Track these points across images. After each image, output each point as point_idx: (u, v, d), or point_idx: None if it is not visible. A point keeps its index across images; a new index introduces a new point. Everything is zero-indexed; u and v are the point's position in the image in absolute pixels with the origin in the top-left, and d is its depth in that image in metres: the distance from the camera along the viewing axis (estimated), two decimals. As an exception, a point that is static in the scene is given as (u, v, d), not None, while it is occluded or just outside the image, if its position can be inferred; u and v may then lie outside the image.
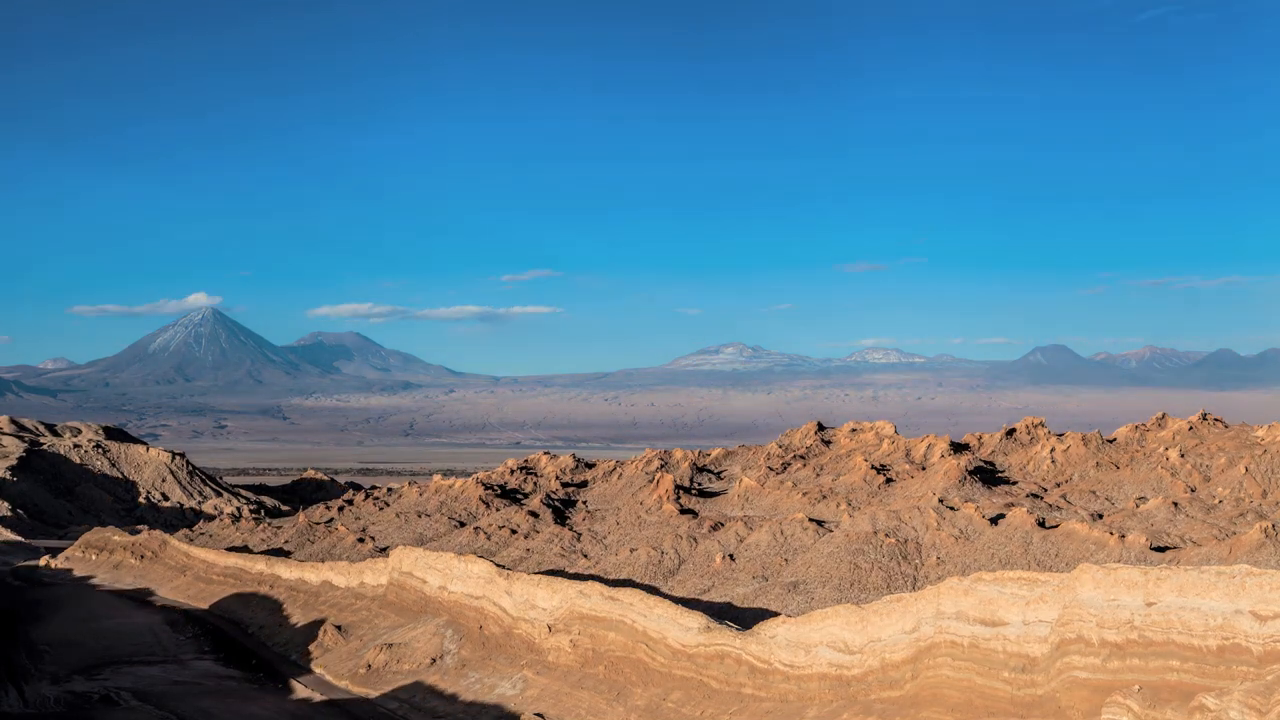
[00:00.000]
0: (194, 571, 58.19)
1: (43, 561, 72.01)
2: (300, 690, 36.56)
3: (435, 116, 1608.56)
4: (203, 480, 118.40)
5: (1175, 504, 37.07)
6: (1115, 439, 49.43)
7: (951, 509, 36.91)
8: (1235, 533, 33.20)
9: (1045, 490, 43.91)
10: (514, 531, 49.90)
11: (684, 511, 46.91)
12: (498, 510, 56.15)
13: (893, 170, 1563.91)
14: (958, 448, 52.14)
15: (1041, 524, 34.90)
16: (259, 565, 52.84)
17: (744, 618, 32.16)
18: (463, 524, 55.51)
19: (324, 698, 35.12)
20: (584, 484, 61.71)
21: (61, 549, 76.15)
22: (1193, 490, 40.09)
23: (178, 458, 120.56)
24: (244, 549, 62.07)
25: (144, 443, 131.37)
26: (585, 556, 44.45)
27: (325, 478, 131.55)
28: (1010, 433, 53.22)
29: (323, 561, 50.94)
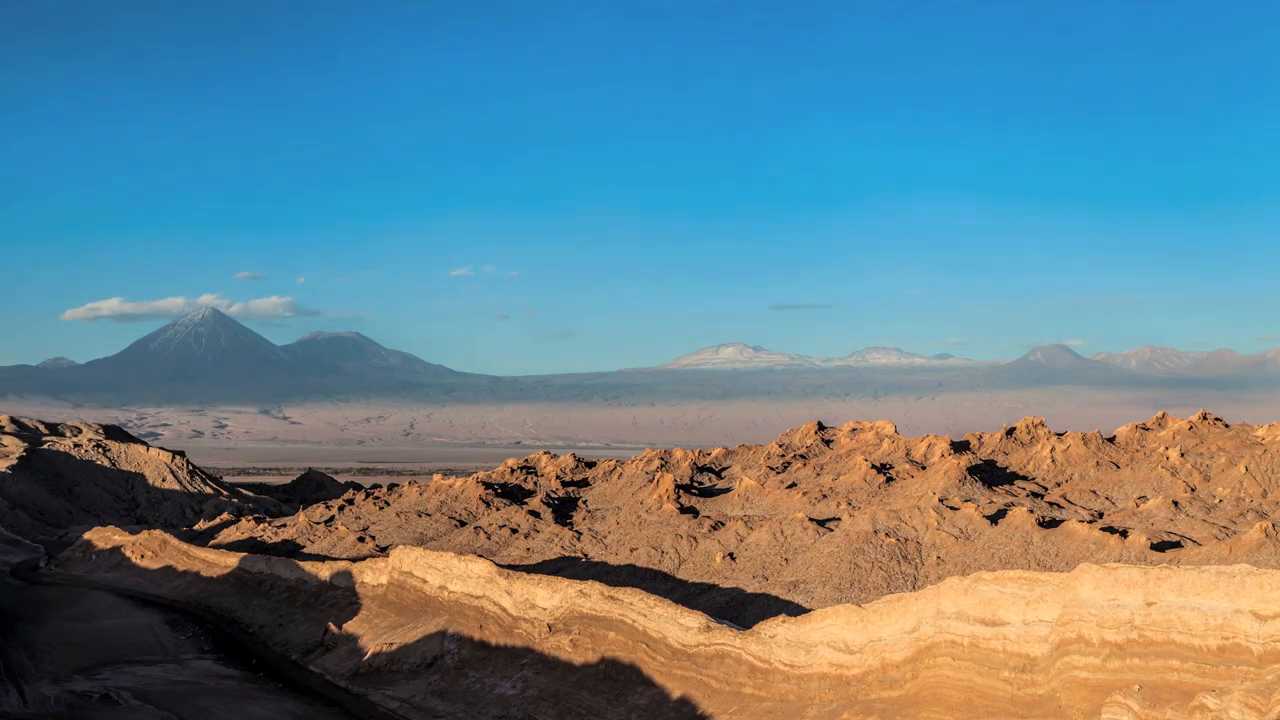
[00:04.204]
0: (194, 571, 58.19)
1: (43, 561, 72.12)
2: (300, 690, 36.56)
3: (434, 110, 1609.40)
4: (203, 480, 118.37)
5: (1175, 503, 37.12)
6: (1115, 439, 49.47)
7: (952, 509, 36.93)
8: (1235, 532, 33.23)
9: (1046, 490, 43.94)
10: (514, 531, 49.94)
11: (684, 511, 46.92)
12: (498, 510, 56.16)
13: (893, 170, 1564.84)
14: (958, 447, 52.17)
15: (1042, 523, 34.91)
16: (259, 565, 52.84)
17: (744, 617, 32.18)
18: (463, 523, 55.52)
19: (324, 697, 35.12)
20: (584, 483, 61.74)
21: (62, 548, 76.17)
22: (1193, 490, 40.10)
23: (178, 457, 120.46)
24: (244, 548, 62.06)
25: (144, 442, 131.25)
26: (586, 556, 44.45)
27: (325, 477, 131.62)
28: (1010, 432, 53.27)
29: (323, 561, 50.94)
